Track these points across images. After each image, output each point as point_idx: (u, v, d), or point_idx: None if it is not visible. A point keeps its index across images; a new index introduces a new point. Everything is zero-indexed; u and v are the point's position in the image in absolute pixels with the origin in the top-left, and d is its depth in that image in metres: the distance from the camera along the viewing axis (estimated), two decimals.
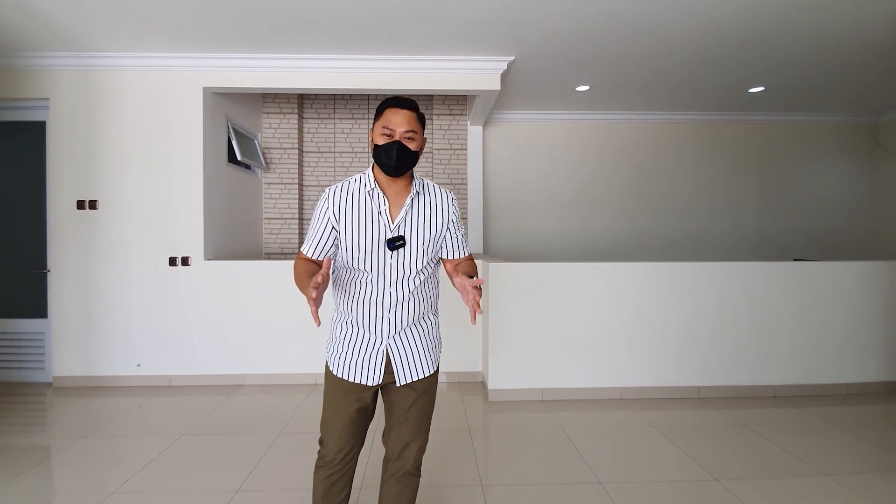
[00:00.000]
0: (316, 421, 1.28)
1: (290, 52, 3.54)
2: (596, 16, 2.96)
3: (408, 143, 1.33)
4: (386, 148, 1.32)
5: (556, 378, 3.38)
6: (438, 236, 1.43)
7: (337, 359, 1.43)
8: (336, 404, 1.44)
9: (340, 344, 1.44)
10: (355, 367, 1.41)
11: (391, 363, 1.41)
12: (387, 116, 1.34)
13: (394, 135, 1.32)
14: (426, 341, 1.47)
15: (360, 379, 1.40)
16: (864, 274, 3.49)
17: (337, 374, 1.43)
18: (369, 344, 1.40)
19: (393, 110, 1.34)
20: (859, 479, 2.26)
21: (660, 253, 5.37)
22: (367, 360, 1.40)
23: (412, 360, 1.43)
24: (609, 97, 4.72)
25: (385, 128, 1.33)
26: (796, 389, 3.43)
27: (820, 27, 3.13)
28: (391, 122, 1.32)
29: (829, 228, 5.55)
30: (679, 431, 2.84)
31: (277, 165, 4.79)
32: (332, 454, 1.44)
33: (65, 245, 3.61)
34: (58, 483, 2.30)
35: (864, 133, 5.55)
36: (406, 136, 1.33)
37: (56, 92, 3.59)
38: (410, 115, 1.34)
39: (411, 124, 1.34)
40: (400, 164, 1.33)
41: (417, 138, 1.36)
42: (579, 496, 2.14)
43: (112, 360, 3.63)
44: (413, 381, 1.44)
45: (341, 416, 1.43)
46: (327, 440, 1.46)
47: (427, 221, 1.41)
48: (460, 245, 1.50)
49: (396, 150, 1.31)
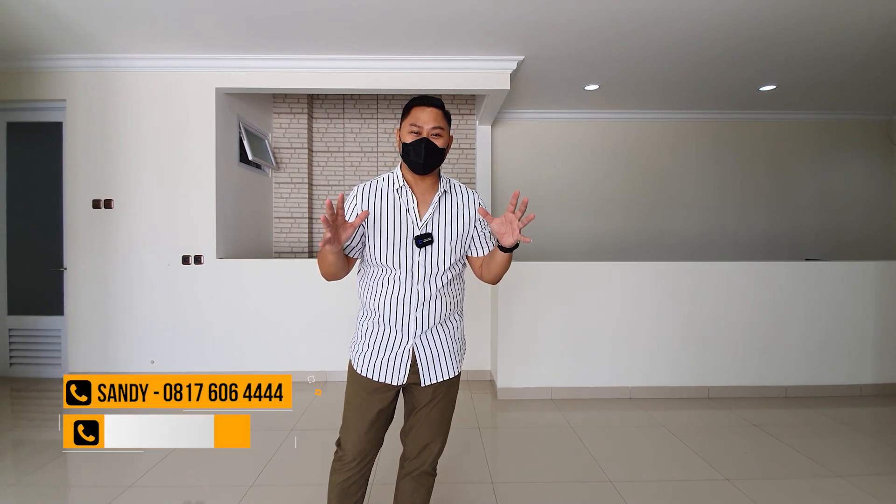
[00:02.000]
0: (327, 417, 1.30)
1: (300, 52, 3.57)
2: (605, 14, 2.96)
3: (435, 140, 1.34)
4: (414, 145, 1.33)
5: (565, 377, 3.38)
6: (465, 234, 1.44)
7: (362, 357, 1.42)
8: (358, 404, 1.43)
9: (365, 343, 1.43)
10: (381, 366, 1.40)
11: (416, 363, 1.40)
12: (414, 114, 1.35)
13: (421, 132, 1.34)
14: (451, 342, 1.46)
15: (385, 378, 1.39)
16: (877, 274, 3.45)
17: (361, 372, 1.42)
18: (395, 343, 1.40)
19: (420, 108, 1.35)
20: (874, 481, 2.24)
21: (669, 252, 5.33)
22: (392, 359, 1.40)
23: (438, 361, 1.43)
24: (618, 96, 4.70)
25: (413, 125, 1.34)
26: (808, 390, 3.41)
27: (833, 24, 3.09)
28: (419, 120, 1.34)
29: (841, 228, 5.48)
30: (689, 431, 2.83)
31: (287, 165, 4.83)
32: (351, 457, 1.44)
33: (81, 243, 3.68)
34: (76, 477, 2.35)
35: (879, 131, 5.47)
36: (433, 132, 1.34)
37: (73, 93, 3.65)
38: (437, 112, 1.36)
39: (438, 121, 1.35)
40: (428, 161, 1.34)
41: (444, 135, 1.37)
42: (589, 494, 2.15)
43: (126, 357, 3.69)
44: (437, 383, 1.43)
45: (363, 417, 1.42)
46: (346, 443, 1.45)
47: (454, 219, 1.42)
48: (489, 241, 1.48)
49: (425, 147, 1.33)
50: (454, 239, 1.41)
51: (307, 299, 3.70)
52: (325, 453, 1.59)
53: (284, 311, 3.70)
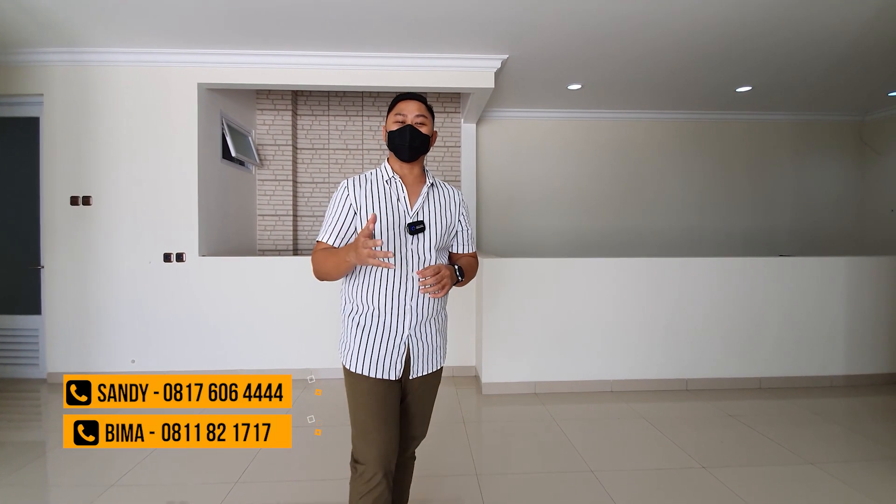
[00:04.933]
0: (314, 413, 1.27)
1: (284, 48, 3.55)
2: (588, 15, 3.01)
3: (419, 128, 1.41)
4: (399, 132, 1.40)
5: (549, 372, 3.44)
6: (452, 227, 1.51)
7: (359, 356, 1.39)
8: (372, 405, 1.37)
9: (360, 339, 1.40)
10: (379, 362, 1.38)
11: (409, 355, 1.41)
12: (399, 107, 1.43)
13: (406, 120, 1.41)
14: (441, 338, 1.52)
15: (385, 373, 1.38)
16: (848, 269, 3.58)
17: (361, 371, 1.38)
18: (391, 336, 1.39)
19: (405, 101, 1.44)
20: (844, 468, 2.33)
21: (650, 249, 5.44)
22: (390, 353, 1.39)
23: (428, 354, 1.46)
24: (600, 96, 4.78)
25: (398, 115, 1.42)
26: (782, 381, 3.52)
27: (806, 27, 3.19)
28: (403, 110, 1.42)
29: (815, 225, 5.66)
30: (668, 422, 2.91)
31: (271, 162, 4.80)
32: (373, 469, 1.34)
33: (58, 241, 3.61)
34: (57, 477, 2.32)
35: (851, 132, 5.66)
36: (417, 120, 1.41)
37: (50, 87, 3.57)
38: (420, 104, 1.44)
39: (421, 111, 1.43)
40: (413, 145, 1.40)
41: (428, 124, 1.44)
42: (571, 484, 2.20)
43: (106, 357, 3.63)
44: (425, 375, 1.46)
45: (382, 417, 1.37)
46: (367, 454, 1.36)
47: (443, 210, 1.48)
48: (470, 240, 1.59)
49: (409, 132, 1.39)
50: (443, 229, 1.46)
51: (291, 297, 3.69)
52: (310, 448, 1.60)
53: (268, 309, 3.68)
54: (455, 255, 1.58)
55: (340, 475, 1.91)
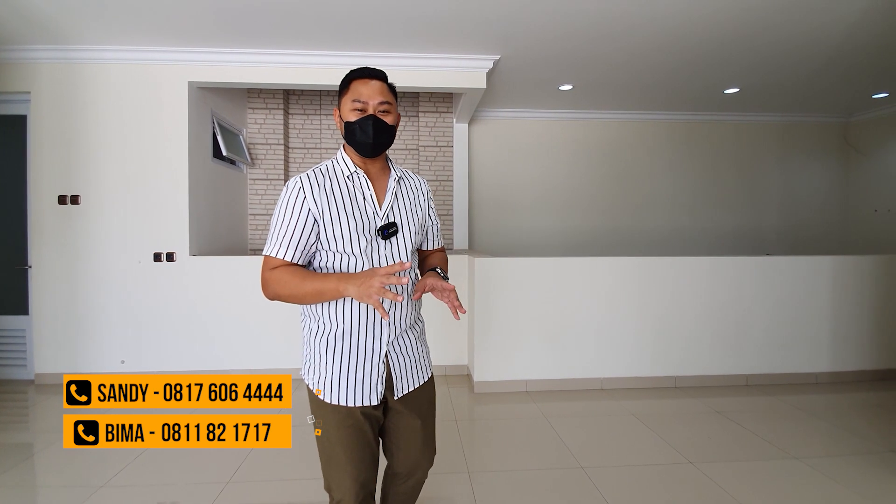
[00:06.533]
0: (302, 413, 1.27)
1: (276, 47, 3.54)
2: (579, 16, 3.04)
3: (384, 117, 1.18)
4: (360, 123, 1.16)
5: (540, 370, 3.47)
6: (424, 224, 1.34)
7: (329, 382, 1.20)
8: (342, 437, 1.21)
9: (330, 363, 1.21)
10: (355, 387, 1.20)
11: (390, 374, 1.24)
12: (356, 89, 1.17)
13: (367, 108, 1.16)
14: (421, 346, 1.35)
15: (362, 400, 1.20)
16: (832, 268, 3.65)
17: (332, 401, 1.20)
18: (368, 355, 1.21)
19: (362, 81, 1.18)
20: (828, 462, 2.38)
21: (641, 249, 5.50)
22: (368, 375, 1.21)
23: (411, 367, 1.29)
24: (591, 97, 4.82)
25: (356, 101, 1.16)
26: (768, 378, 3.58)
27: (792, 30, 3.25)
28: (362, 95, 1.16)
29: (801, 225, 5.76)
30: (656, 419, 2.95)
31: (263, 161, 4.78)
32: (352, 500, 1.21)
33: (46, 241, 3.57)
34: (47, 478, 2.30)
35: (836, 133, 5.76)
36: (381, 108, 1.17)
37: (37, 85, 3.53)
38: (381, 85, 1.19)
39: (385, 95, 1.18)
40: (378, 140, 1.17)
41: (392, 111, 1.20)
42: (562, 480, 2.23)
43: (95, 357, 3.60)
44: (412, 391, 1.29)
45: (353, 449, 1.20)
46: (340, 487, 1.22)
47: (413, 205, 1.29)
48: (440, 235, 1.42)
49: (373, 125, 1.15)
50: (416, 228, 1.29)
51: None
52: (302, 447, 1.59)
53: (259, 309, 3.66)
54: (424, 252, 1.40)
55: None
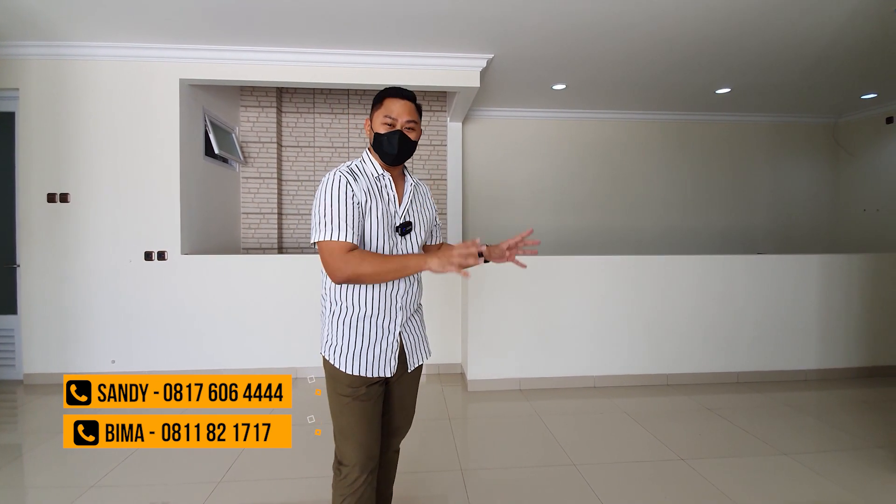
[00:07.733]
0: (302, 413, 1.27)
1: (269, 45, 3.53)
2: (572, 15, 3.05)
3: (409, 133, 1.38)
4: (388, 137, 1.35)
5: (533, 368, 3.48)
6: (431, 225, 1.56)
7: (350, 357, 1.35)
8: (356, 407, 1.35)
9: (352, 341, 1.36)
10: (374, 361, 1.36)
11: (403, 351, 1.43)
12: (388, 105, 1.37)
13: (395, 124, 1.36)
14: (424, 328, 1.56)
15: (380, 371, 1.37)
16: (821, 267, 3.69)
17: (353, 371, 1.34)
18: (384, 333, 1.38)
19: (394, 100, 1.37)
20: (816, 458, 2.41)
21: (633, 248, 5.54)
22: (385, 351, 1.38)
23: (418, 346, 1.50)
24: (584, 96, 4.84)
25: (387, 116, 1.36)
26: (758, 376, 3.62)
27: (782, 31, 3.29)
28: (393, 111, 1.36)
29: (791, 224, 5.82)
30: (648, 416, 2.97)
31: (255, 160, 4.75)
32: (359, 471, 1.34)
33: (35, 239, 3.52)
34: (35, 478, 2.28)
35: (825, 133, 5.83)
36: (407, 125, 1.37)
37: (26, 82, 3.49)
38: (411, 105, 1.38)
39: (412, 114, 1.38)
40: (401, 153, 1.37)
41: (417, 128, 1.40)
42: (554, 477, 2.24)
43: (85, 357, 3.56)
44: (414, 368, 1.49)
45: (366, 418, 1.36)
46: (351, 456, 1.35)
47: (423, 209, 1.51)
48: (440, 233, 1.66)
49: (399, 140, 1.35)
50: (427, 227, 1.51)
51: (275, 296, 3.66)
52: (295, 447, 1.59)
53: (251, 308, 3.65)
54: (429, 247, 1.63)
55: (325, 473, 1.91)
